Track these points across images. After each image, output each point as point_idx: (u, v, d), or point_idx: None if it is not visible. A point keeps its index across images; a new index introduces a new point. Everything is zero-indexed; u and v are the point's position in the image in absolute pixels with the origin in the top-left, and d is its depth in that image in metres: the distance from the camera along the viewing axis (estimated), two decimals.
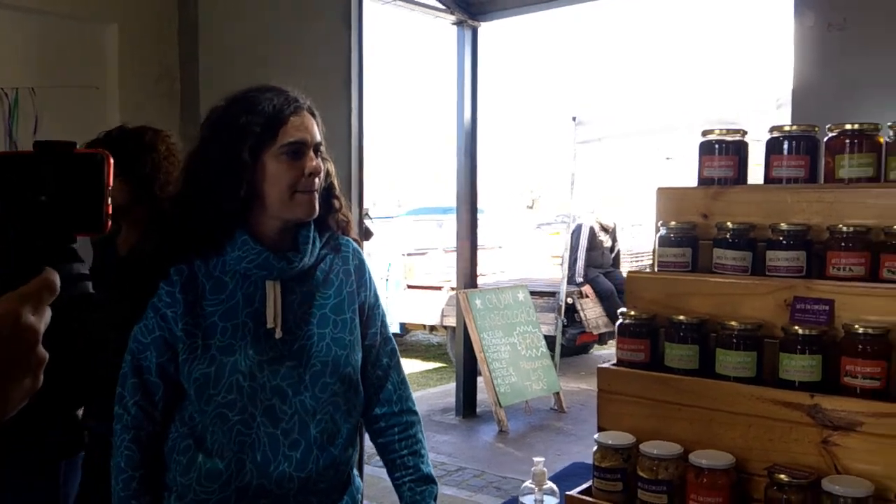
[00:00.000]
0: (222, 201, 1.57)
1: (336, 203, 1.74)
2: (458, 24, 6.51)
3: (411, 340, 10.42)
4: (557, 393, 6.66)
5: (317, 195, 1.62)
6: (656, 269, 1.97)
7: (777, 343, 1.70)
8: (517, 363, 6.48)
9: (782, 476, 1.54)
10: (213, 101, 1.68)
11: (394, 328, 9.30)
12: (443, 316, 8.37)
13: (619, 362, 1.90)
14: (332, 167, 1.73)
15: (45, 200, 0.76)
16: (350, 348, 1.66)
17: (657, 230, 1.99)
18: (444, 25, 6.56)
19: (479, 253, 9.29)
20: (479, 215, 10.22)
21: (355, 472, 1.77)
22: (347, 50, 4.02)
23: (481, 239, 10.05)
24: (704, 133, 2.00)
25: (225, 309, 1.59)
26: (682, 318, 1.82)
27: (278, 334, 1.60)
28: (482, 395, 6.58)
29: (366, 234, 4.19)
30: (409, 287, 9.02)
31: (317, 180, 1.61)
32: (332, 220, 1.73)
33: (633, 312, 1.89)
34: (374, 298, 1.78)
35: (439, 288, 8.59)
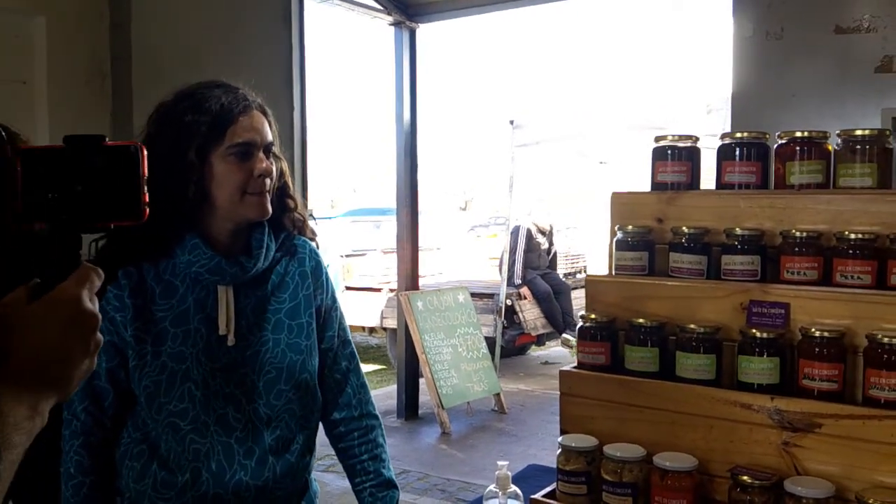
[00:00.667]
0: (168, 203, 1.51)
1: (290, 202, 1.70)
2: (396, 24, 6.48)
3: None
4: (498, 394, 6.70)
5: (268, 196, 1.57)
6: (613, 272, 1.99)
7: (735, 346, 1.74)
8: (459, 365, 6.49)
9: (745, 478, 1.57)
10: (146, 100, 1.63)
11: None
12: (382, 318, 8.32)
13: (580, 365, 1.91)
14: (285, 166, 1.69)
15: (80, 190, 0.79)
16: (307, 353, 1.63)
17: (613, 234, 2.01)
18: (382, 26, 6.53)
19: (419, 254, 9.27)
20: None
21: (312, 476, 1.74)
22: (288, 49, 3.96)
23: (420, 240, 10.09)
24: (657, 139, 2.03)
25: (175, 314, 1.54)
26: (641, 321, 1.84)
27: (231, 341, 1.55)
28: (424, 397, 6.57)
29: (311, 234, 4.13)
30: (348, 288, 8.94)
31: (268, 181, 1.56)
32: (288, 220, 1.69)
33: (592, 315, 1.91)
34: (332, 300, 1.74)
35: (378, 290, 8.54)
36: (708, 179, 2.05)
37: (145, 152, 0.80)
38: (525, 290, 8.29)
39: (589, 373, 1.88)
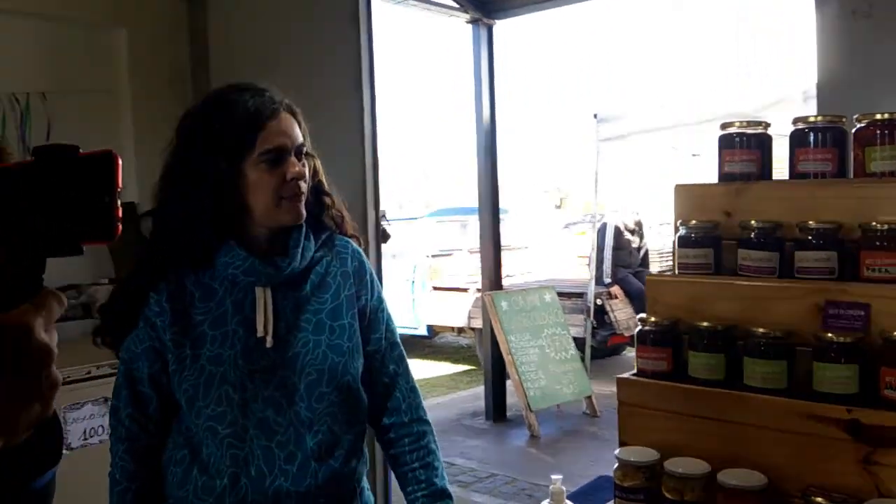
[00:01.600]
0: (202, 214, 1.50)
1: (327, 200, 1.66)
2: (473, 22, 6.40)
3: (440, 343, 10.32)
4: (589, 397, 6.51)
5: (303, 199, 1.54)
6: (676, 271, 1.85)
7: (809, 351, 1.57)
8: (546, 366, 6.35)
9: (820, 499, 1.42)
10: None
11: (421, 330, 9.21)
12: (470, 318, 8.26)
13: (640, 372, 1.78)
14: (318, 164, 1.65)
15: (46, 209, 0.70)
16: (348, 355, 1.58)
17: (676, 230, 1.87)
18: (459, 24, 6.46)
19: (506, 254, 9.16)
20: (503, 215, 10.17)
21: (365, 485, 1.68)
22: (356, 50, 3.93)
23: (507, 240, 9.96)
24: (724, 126, 1.88)
25: (214, 317, 1.53)
26: (705, 324, 1.70)
27: (269, 343, 1.52)
28: (512, 398, 6.46)
29: (383, 235, 4.10)
30: (435, 289, 8.92)
31: (302, 184, 1.53)
32: (327, 219, 1.66)
33: (653, 319, 1.77)
34: (378, 301, 1.69)
35: (465, 290, 8.48)
36: (781, 170, 1.88)
37: (120, 161, 0.72)
38: (616, 289, 8.06)
39: (649, 381, 1.75)
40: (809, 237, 1.67)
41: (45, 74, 3.84)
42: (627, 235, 8.54)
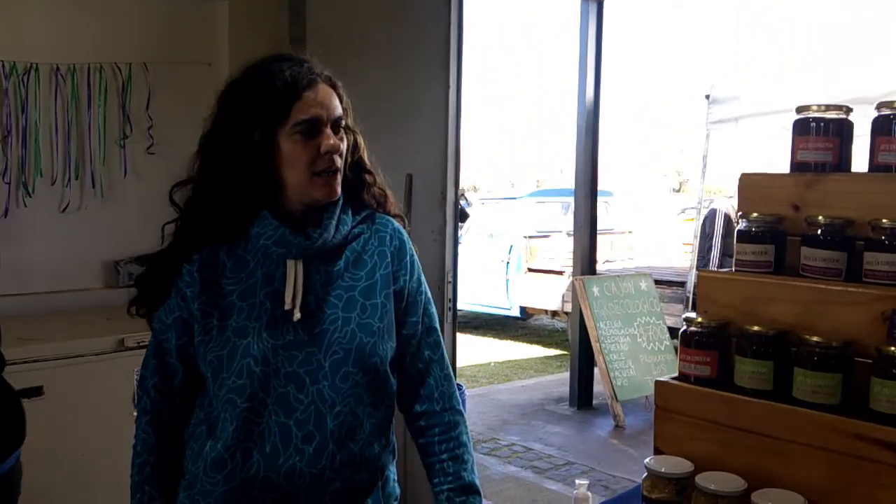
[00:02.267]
0: (238, 185, 1.47)
1: (368, 178, 1.60)
2: None
3: (535, 325, 10.20)
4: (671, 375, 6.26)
5: (339, 175, 1.49)
6: (734, 268, 1.69)
7: (868, 365, 1.40)
8: (637, 356, 6.14)
9: None
10: None
11: (514, 311, 9.11)
12: (563, 301, 8.09)
13: (681, 376, 1.64)
14: (360, 140, 1.59)
15: None
16: (378, 336, 1.51)
17: (737, 222, 1.71)
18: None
19: (607, 238, 8.90)
20: (607, 198, 9.90)
21: (391, 474, 1.62)
22: (446, 28, 3.84)
23: (610, 223, 9.70)
24: (799, 109, 1.70)
25: (244, 288, 1.49)
26: (756, 328, 1.54)
27: (296, 316, 1.47)
28: (599, 386, 6.29)
29: (461, 215, 4.03)
30: (530, 270, 8.79)
31: (337, 159, 1.48)
32: (368, 196, 1.60)
33: (699, 319, 1.62)
34: (417, 283, 1.61)
35: (561, 273, 8.30)
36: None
37: None
38: (708, 270, 7.69)
39: (689, 386, 1.60)
40: (882, 237, 1.48)
41: (148, 45, 3.95)
42: (737, 223, 8.13)
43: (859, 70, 6.48)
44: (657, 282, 6.92)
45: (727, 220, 8.02)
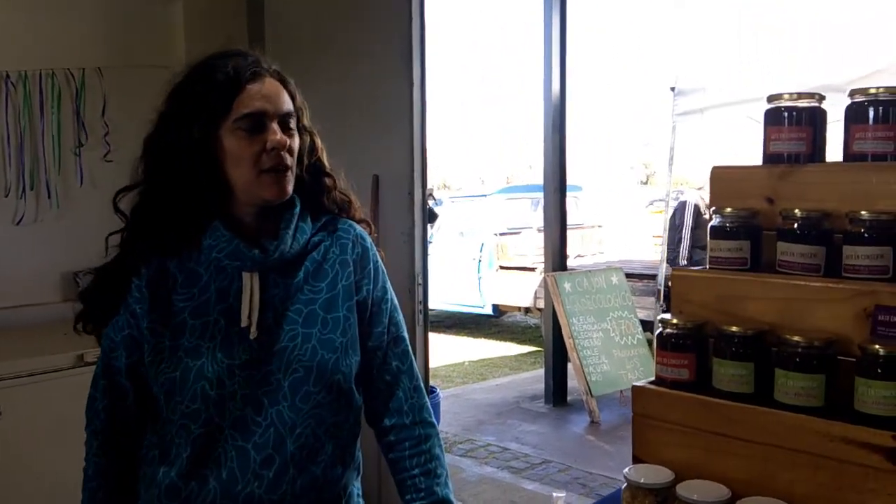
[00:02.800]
0: (183, 189, 1.38)
1: (328, 182, 1.52)
2: None
3: (507, 322, 10.16)
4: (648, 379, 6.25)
5: (290, 174, 1.39)
6: (708, 265, 1.64)
7: (852, 364, 1.35)
8: (610, 350, 6.11)
9: None
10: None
11: (486, 310, 9.07)
12: (536, 298, 8.06)
13: (659, 380, 1.58)
14: (318, 141, 1.51)
15: None
16: (341, 352, 1.43)
17: (707, 215, 1.65)
18: None
19: (577, 233, 8.88)
20: (577, 193, 9.88)
21: (354, 490, 1.54)
22: (408, 23, 3.76)
23: (580, 218, 9.69)
24: (771, 98, 1.64)
25: (196, 304, 1.40)
26: (735, 328, 1.48)
27: (253, 334, 1.38)
28: (573, 382, 6.26)
29: (430, 216, 3.95)
30: (502, 268, 8.75)
31: (287, 156, 1.38)
32: (328, 201, 1.51)
33: (675, 320, 1.56)
34: (382, 292, 1.53)
35: (532, 269, 8.27)
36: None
37: None
38: (682, 268, 7.70)
39: (667, 391, 1.54)
40: (861, 229, 1.43)
41: (102, 50, 3.83)
42: (707, 215, 8.14)
43: (827, 57, 6.50)
44: (628, 275, 6.91)
45: (696, 211, 8.03)
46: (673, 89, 6.78)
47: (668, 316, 1.59)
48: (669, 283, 7.34)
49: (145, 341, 1.40)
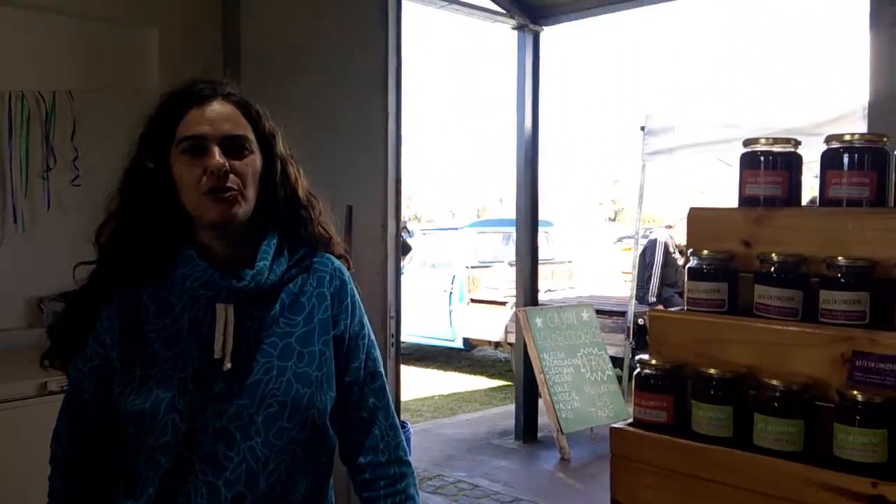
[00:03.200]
0: (145, 219, 1.38)
1: (303, 213, 1.48)
2: (519, 28, 6.22)
3: (478, 356, 10.12)
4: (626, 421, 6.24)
5: (237, 197, 1.35)
6: (685, 307, 1.64)
7: (831, 410, 1.35)
8: (581, 387, 6.09)
9: None
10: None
11: (457, 343, 9.02)
12: (507, 332, 8.04)
13: (637, 422, 1.57)
14: (291, 169, 1.46)
15: None
16: (316, 387, 1.40)
17: (677, 255, 1.66)
18: (504, 30, 6.28)
19: (548, 268, 8.88)
20: (548, 228, 9.93)
21: None
22: (384, 52, 3.78)
23: (551, 253, 9.73)
24: (747, 143, 1.66)
25: (168, 335, 1.36)
26: (713, 371, 1.48)
27: (227, 366, 1.35)
28: (544, 418, 6.22)
29: (403, 248, 3.93)
30: (473, 301, 8.72)
31: (232, 178, 1.34)
32: (305, 234, 1.48)
33: (654, 361, 1.56)
34: (359, 327, 1.50)
35: (503, 303, 8.26)
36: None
37: None
38: (660, 309, 7.76)
39: (645, 433, 1.53)
40: (838, 275, 1.44)
41: (74, 73, 3.78)
42: (675, 253, 8.22)
43: (790, 102, 6.65)
44: (598, 311, 6.92)
45: (666, 250, 8.11)
46: (643, 129, 6.88)
47: (646, 357, 1.58)
48: (639, 321, 7.39)
49: (115, 372, 1.37)
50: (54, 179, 3.67)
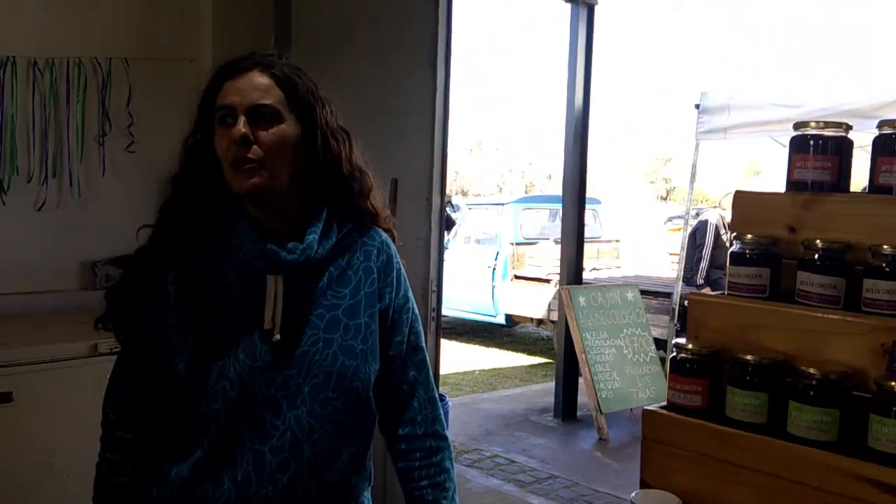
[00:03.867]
0: (194, 190, 1.41)
1: (351, 186, 1.47)
2: (573, 1, 6.13)
3: (520, 332, 10.12)
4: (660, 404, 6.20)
5: (259, 168, 1.35)
6: (726, 291, 1.62)
7: (867, 400, 1.33)
8: (622, 368, 6.07)
9: None
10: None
11: (499, 319, 9.03)
12: (549, 310, 8.02)
13: (671, 406, 1.57)
14: (334, 143, 1.44)
15: None
16: (361, 359, 1.42)
17: (730, 244, 1.64)
18: (558, 3, 6.20)
19: (594, 247, 8.80)
20: (596, 206, 9.84)
21: (365, 501, 1.53)
22: (434, 27, 3.76)
23: (598, 232, 9.65)
24: (797, 126, 1.63)
25: (221, 306, 1.40)
26: (750, 357, 1.46)
27: (276, 337, 1.38)
28: (584, 397, 6.22)
29: (447, 223, 3.94)
30: (517, 278, 8.71)
31: (251, 150, 1.34)
32: (354, 207, 1.48)
33: (690, 345, 1.55)
34: (404, 300, 1.52)
35: (547, 281, 8.23)
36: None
37: None
38: (707, 291, 7.65)
39: (678, 416, 1.53)
40: (882, 263, 1.41)
41: (129, 40, 3.84)
42: (726, 235, 8.08)
43: (848, 81, 6.43)
44: (643, 292, 6.86)
45: (717, 231, 7.98)
46: (697, 107, 6.74)
47: (682, 341, 1.57)
48: (685, 303, 7.30)
49: (168, 339, 1.40)
50: (110, 145, 3.75)
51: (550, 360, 8.40)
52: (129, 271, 1.49)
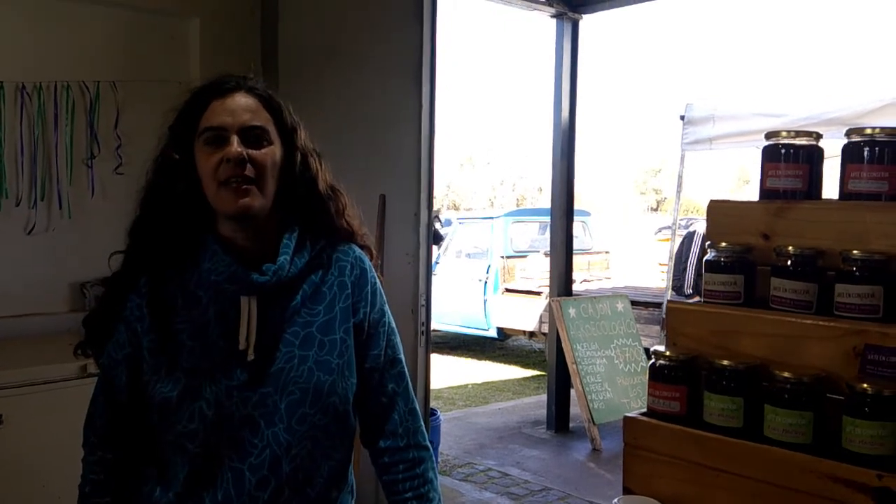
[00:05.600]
0: (173, 206, 1.42)
1: (325, 206, 1.50)
2: (558, 16, 6.20)
3: (512, 345, 10.14)
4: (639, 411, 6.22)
5: (252, 188, 1.37)
6: (702, 298, 1.65)
7: (840, 402, 1.36)
8: (613, 378, 6.09)
9: None
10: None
11: (491, 332, 9.06)
12: (541, 322, 8.05)
13: (650, 412, 1.59)
14: (314, 162, 1.48)
15: None
16: (338, 374, 1.44)
17: (705, 252, 1.67)
18: (542, 18, 6.26)
19: (585, 259, 8.84)
20: (585, 218, 9.90)
21: None
22: (419, 43, 3.80)
23: (588, 244, 9.70)
24: (769, 135, 1.67)
25: (195, 327, 1.41)
26: (726, 362, 1.50)
27: (250, 356, 1.39)
28: (576, 409, 6.23)
29: (435, 237, 3.96)
30: (508, 291, 8.74)
31: (248, 168, 1.37)
32: (328, 226, 1.51)
33: (668, 353, 1.58)
34: (379, 315, 1.54)
35: (538, 293, 8.26)
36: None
37: None
38: (696, 301, 7.69)
39: (658, 422, 1.55)
40: (853, 268, 1.45)
41: (117, 63, 3.87)
42: None
43: (830, 91, 6.51)
44: (634, 303, 6.90)
45: (703, 241, 8.04)
46: (682, 118, 6.81)
47: (661, 348, 1.60)
48: None
49: (144, 360, 1.42)
50: (98, 167, 3.78)
51: (543, 373, 8.41)
52: (102, 298, 1.51)
